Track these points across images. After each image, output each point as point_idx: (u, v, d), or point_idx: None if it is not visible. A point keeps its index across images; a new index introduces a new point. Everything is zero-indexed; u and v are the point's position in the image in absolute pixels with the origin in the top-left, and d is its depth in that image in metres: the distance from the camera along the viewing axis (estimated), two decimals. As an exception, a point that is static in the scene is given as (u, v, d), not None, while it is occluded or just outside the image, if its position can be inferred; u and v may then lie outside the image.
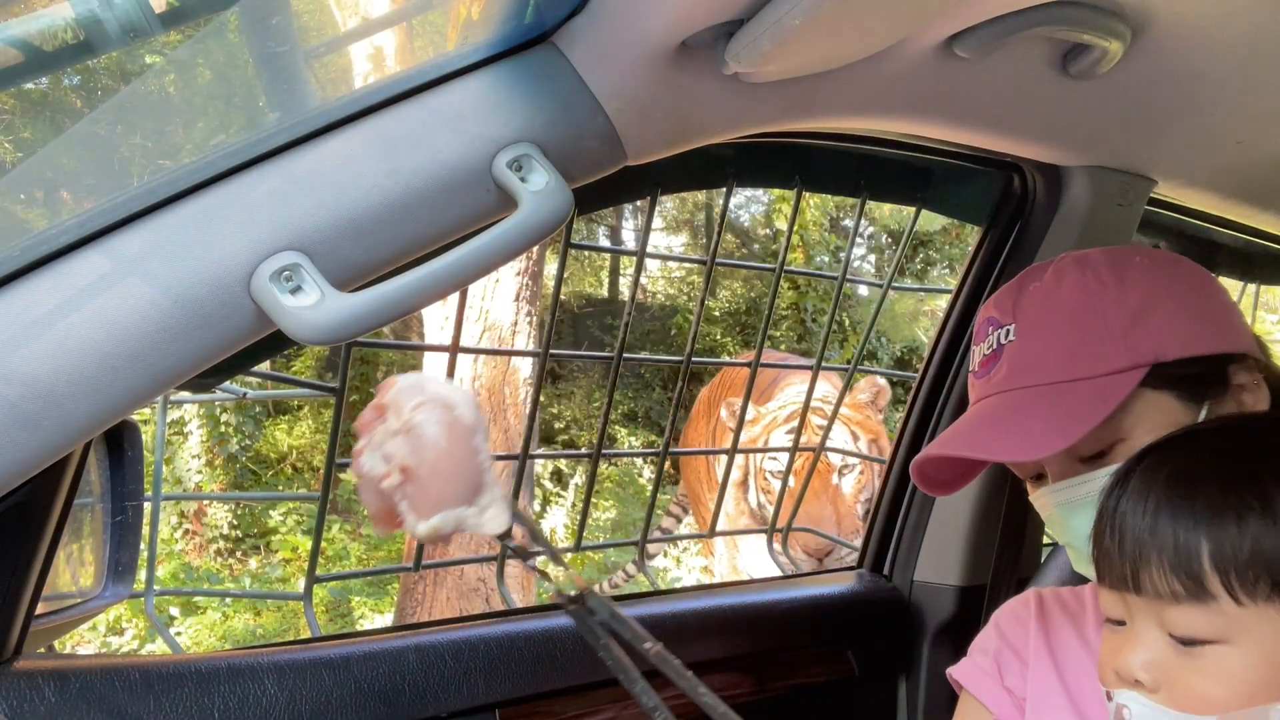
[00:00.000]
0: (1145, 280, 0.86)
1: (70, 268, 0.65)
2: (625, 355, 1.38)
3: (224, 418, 6.63)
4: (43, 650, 0.91)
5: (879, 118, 0.99)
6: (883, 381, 3.21)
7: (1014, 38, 0.84)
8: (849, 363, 1.65)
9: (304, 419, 7.64)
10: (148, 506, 1.18)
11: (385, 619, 5.31)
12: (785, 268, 1.47)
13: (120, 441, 0.94)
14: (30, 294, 0.64)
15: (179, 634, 5.22)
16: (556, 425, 8.03)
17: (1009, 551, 1.39)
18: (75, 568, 0.95)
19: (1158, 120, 1.10)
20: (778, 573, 1.57)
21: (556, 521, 6.67)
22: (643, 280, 10.30)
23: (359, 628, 5.30)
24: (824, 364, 1.62)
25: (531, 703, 1.09)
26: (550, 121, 0.76)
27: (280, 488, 7.14)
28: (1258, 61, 0.96)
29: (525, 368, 4.28)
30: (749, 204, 9.64)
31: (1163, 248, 1.49)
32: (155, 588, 1.27)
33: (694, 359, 1.47)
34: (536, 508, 6.61)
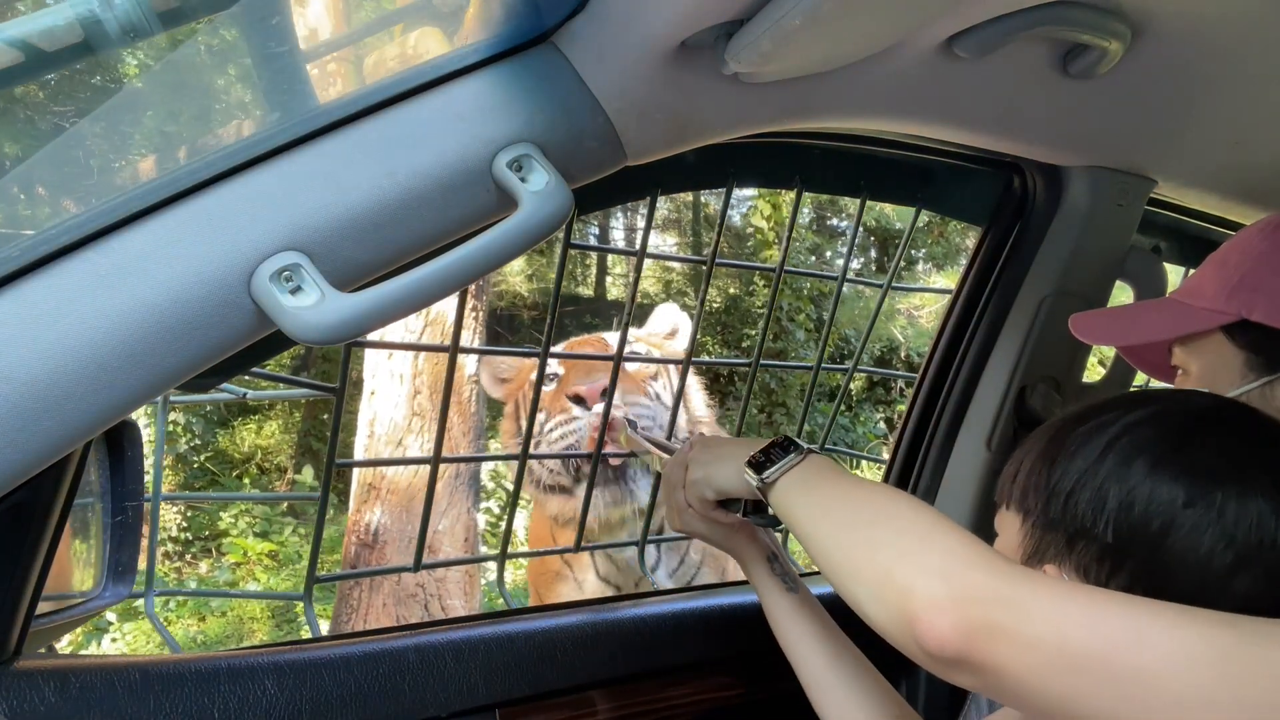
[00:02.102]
0: None
1: (70, 268, 0.64)
2: (625, 355, 1.38)
3: (170, 416, 6.40)
4: (43, 650, 0.91)
5: (879, 118, 0.99)
6: (681, 315, 3.01)
7: (1014, 38, 0.84)
8: (833, 363, 1.65)
9: (274, 418, 7.46)
10: (149, 506, 1.18)
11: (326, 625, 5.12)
12: (786, 268, 1.47)
13: (120, 441, 0.94)
14: (30, 294, 0.64)
15: (114, 640, 5.03)
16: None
17: (1009, 551, 1.39)
18: (75, 568, 0.94)
19: (1158, 120, 1.10)
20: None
21: (517, 524, 6.50)
22: (623, 279, 10.26)
23: (304, 631, 5.16)
24: (823, 365, 1.62)
25: (531, 703, 1.09)
26: (550, 121, 0.76)
27: (240, 488, 6.96)
28: (1257, 62, 0.96)
29: (470, 365, 4.00)
30: (736, 204, 9.60)
31: (1162, 248, 1.49)
32: (155, 588, 1.26)
33: (693, 359, 1.47)
34: (496, 509, 6.46)
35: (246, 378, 1.04)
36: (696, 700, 1.22)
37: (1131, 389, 1.47)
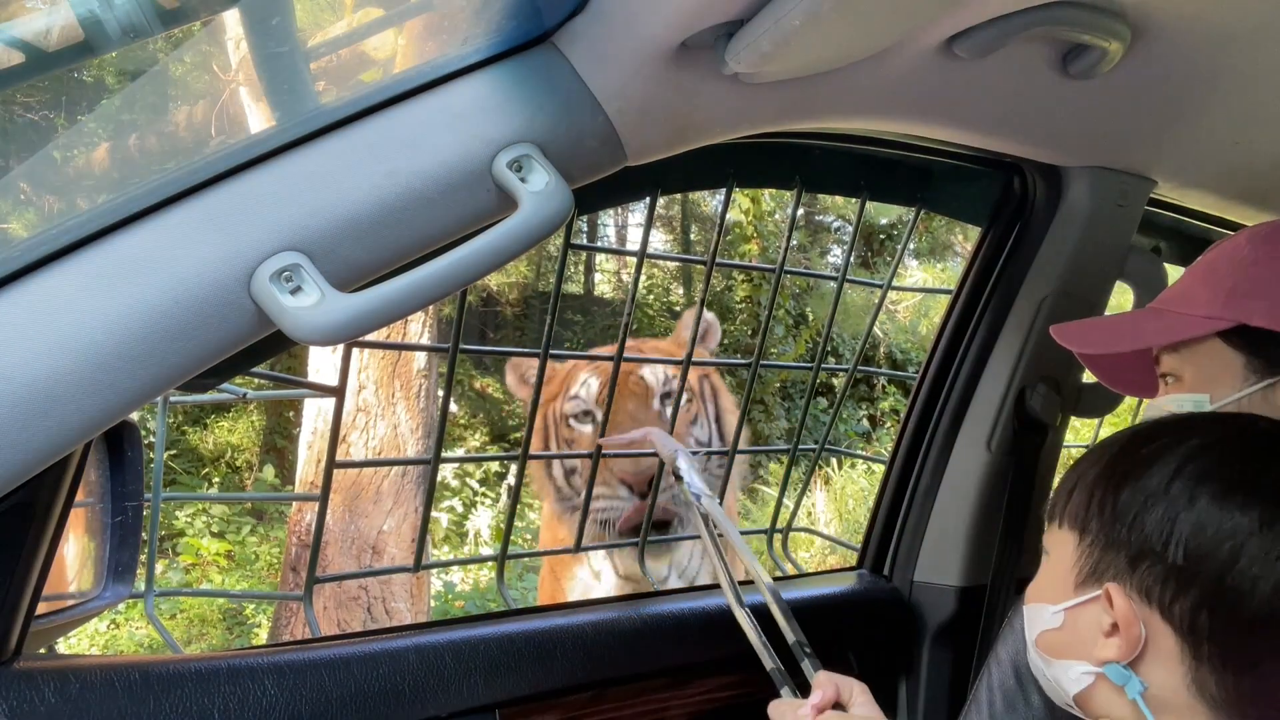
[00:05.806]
0: None
1: (70, 268, 0.65)
2: (625, 356, 1.38)
3: (133, 415, 6.23)
4: (43, 650, 0.91)
5: (879, 118, 0.99)
6: (711, 316, 2.82)
7: (1014, 38, 0.84)
8: (811, 359, 1.65)
9: (249, 415, 7.35)
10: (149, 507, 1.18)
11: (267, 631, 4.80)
12: (785, 268, 1.47)
13: (120, 441, 0.94)
14: (30, 294, 0.64)
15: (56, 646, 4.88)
16: (510, 423, 7.73)
17: (1009, 551, 1.39)
18: (75, 568, 0.94)
19: (1158, 120, 1.10)
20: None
21: (481, 523, 6.36)
22: (598, 276, 10.23)
23: (254, 635, 5.01)
24: (824, 365, 1.62)
25: (531, 702, 1.09)
26: (550, 122, 0.76)
27: (210, 487, 6.82)
28: (1257, 62, 0.96)
29: (420, 360, 4.02)
30: (712, 196, 9.48)
31: (1162, 248, 1.49)
32: (155, 588, 1.26)
33: (693, 360, 1.47)
34: (460, 508, 6.37)
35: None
36: (697, 700, 1.22)
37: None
